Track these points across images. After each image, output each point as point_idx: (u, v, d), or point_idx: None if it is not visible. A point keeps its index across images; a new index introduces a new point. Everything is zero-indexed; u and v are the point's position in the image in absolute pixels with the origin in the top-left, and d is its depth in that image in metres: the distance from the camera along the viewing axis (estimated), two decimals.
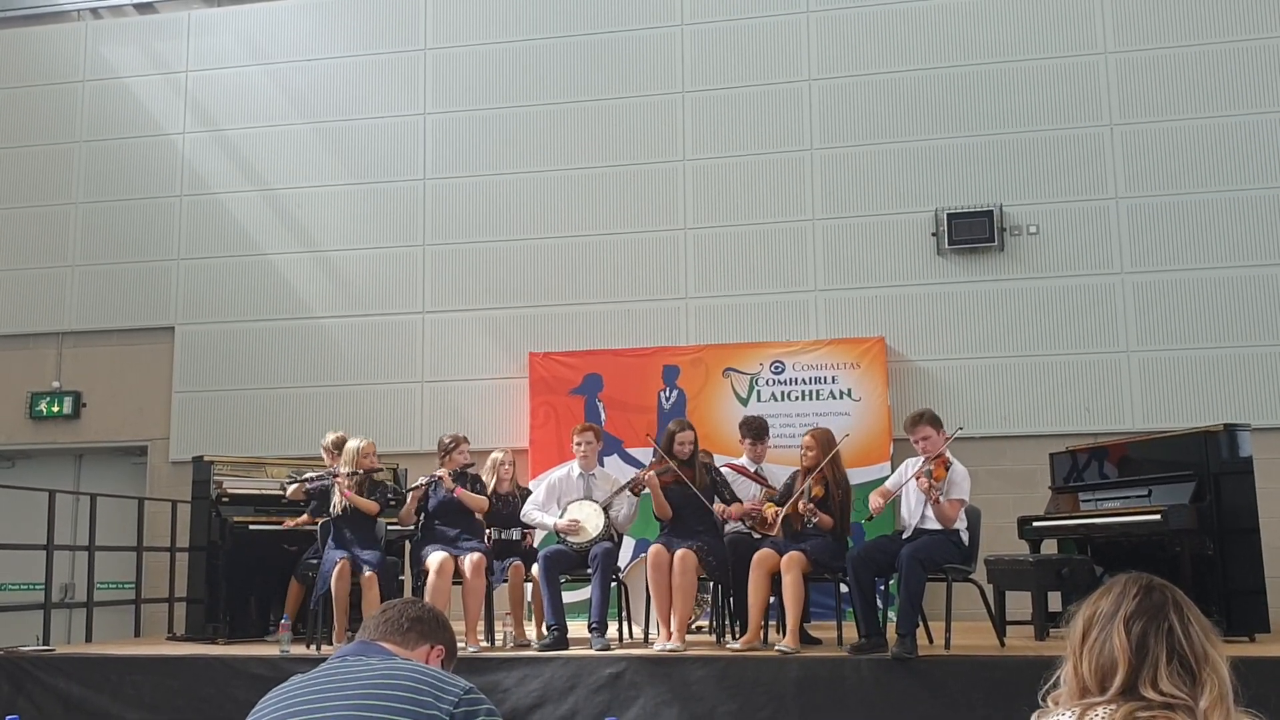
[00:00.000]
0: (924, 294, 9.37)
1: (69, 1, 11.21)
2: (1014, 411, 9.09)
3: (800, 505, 6.28)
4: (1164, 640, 1.81)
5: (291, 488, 7.35)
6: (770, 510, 6.55)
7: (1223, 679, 1.80)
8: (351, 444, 7.14)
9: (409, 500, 7.09)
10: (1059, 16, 9.48)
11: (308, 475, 7.35)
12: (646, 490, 6.77)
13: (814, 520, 6.27)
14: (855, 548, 6.42)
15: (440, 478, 6.94)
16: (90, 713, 6.41)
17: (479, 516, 7.10)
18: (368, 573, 6.68)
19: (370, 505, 6.96)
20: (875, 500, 6.24)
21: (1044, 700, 1.92)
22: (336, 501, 6.92)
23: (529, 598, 7.32)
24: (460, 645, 3.62)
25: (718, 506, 6.65)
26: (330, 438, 7.61)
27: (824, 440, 6.49)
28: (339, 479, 6.94)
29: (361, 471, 7.03)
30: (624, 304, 9.78)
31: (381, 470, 7.49)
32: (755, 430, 7.08)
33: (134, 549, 8.64)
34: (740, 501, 6.78)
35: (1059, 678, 1.92)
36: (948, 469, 6.05)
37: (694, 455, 6.75)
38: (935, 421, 6.17)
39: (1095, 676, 1.84)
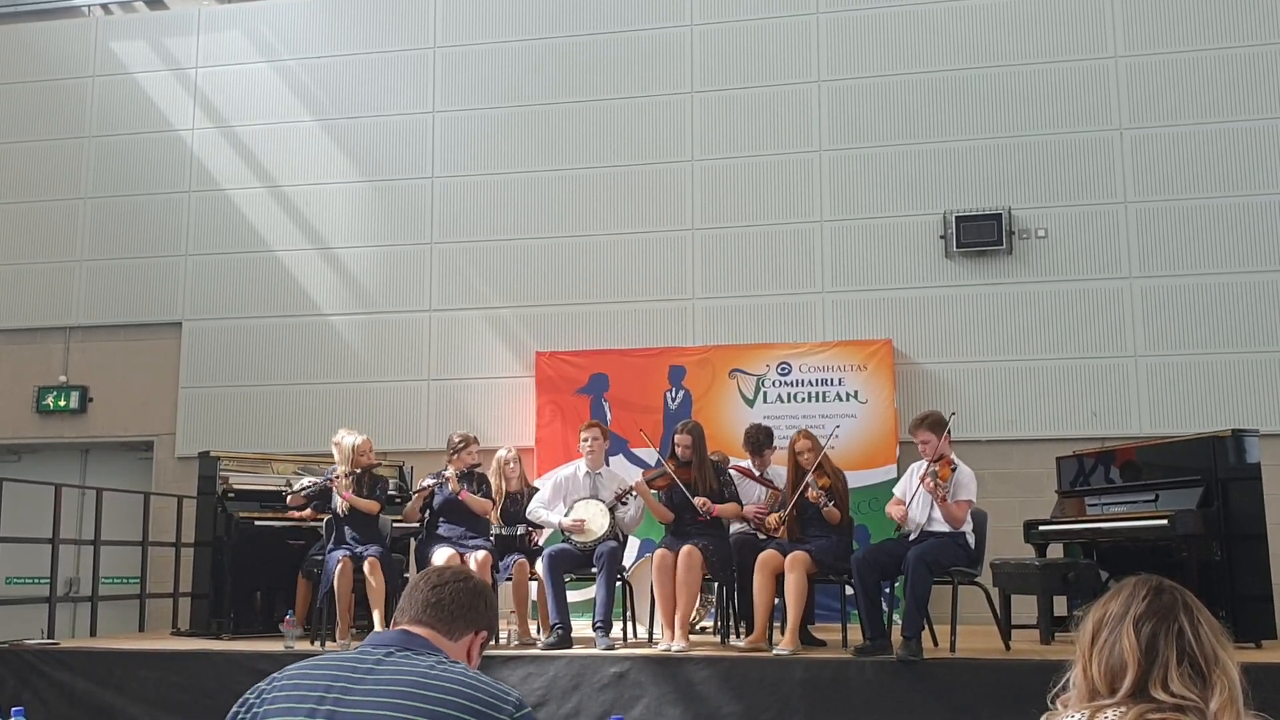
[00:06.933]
0: (932, 297, 9.35)
1: None
2: (1021, 415, 9.07)
3: (810, 493, 6.28)
4: (1174, 642, 1.81)
5: (290, 498, 7.36)
6: (773, 518, 6.57)
7: (1233, 681, 1.79)
8: (348, 441, 7.07)
9: (414, 499, 7.07)
10: (1069, 20, 9.45)
11: (302, 484, 7.37)
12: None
13: (826, 505, 6.27)
14: (861, 550, 6.43)
15: (446, 478, 6.93)
16: (94, 707, 6.42)
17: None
18: (370, 559, 6.65)
19: (370, 505, 6.94)
20: (893, 510, 6.25)
21: (1053, 703, 1.91)
22: (338, 501, 6.92)
23: (533, 595, 7.32)
24: None
25: (699, 501, 6.58)
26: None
27: (816, 439, 6.58)
28: (336, 480, 6.93)
29: (359, 470, 7.02)
30: (631, 304, 9.77)
31: (380, 465, 7.47)
32: (755, 444, 7.17)
33: (139, 544, 8.65)
34: (741, 503, 6.78)
35: (1068, 680, 1.91)
36: (953, 470, 6.06)
37: (696, 457, 6.74)
38: (936, 426, 6.15)
39: (1105, 678, 1.83)
